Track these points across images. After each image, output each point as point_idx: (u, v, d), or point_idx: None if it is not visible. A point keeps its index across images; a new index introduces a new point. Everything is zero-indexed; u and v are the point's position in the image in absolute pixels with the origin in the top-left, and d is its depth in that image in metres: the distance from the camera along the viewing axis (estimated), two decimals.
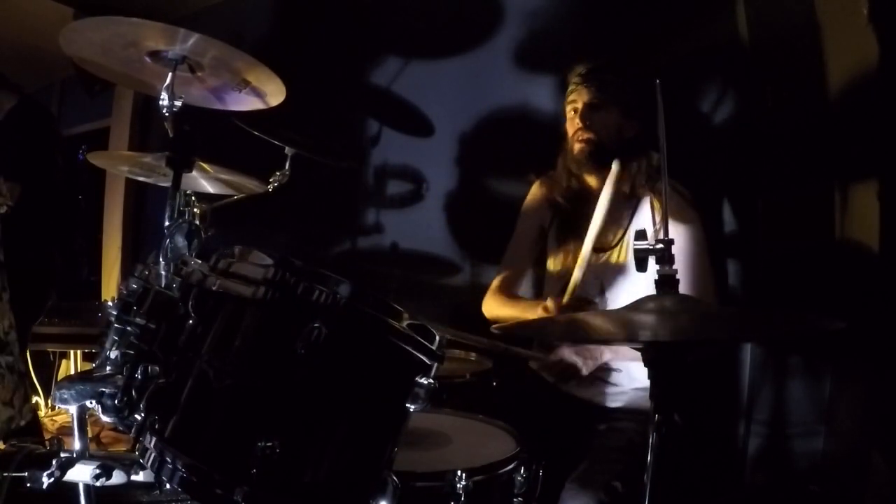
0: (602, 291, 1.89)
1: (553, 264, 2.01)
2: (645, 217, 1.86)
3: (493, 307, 2.05)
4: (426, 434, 1.43)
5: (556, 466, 1.45)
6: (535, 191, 2.11)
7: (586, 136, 1.88)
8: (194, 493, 0.97)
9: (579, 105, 1.90)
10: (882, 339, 1.76)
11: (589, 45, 2.30)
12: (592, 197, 1.95)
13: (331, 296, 0.98)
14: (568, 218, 1.98)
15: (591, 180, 1.93)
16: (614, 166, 1.77)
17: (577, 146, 1.90)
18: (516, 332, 1.66)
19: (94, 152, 2.02)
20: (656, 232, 1.59)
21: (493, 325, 1.27)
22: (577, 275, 1.77)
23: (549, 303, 1.78)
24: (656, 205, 1.81)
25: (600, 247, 1.92)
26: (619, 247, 1.89)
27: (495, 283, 2.10)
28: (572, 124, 1.92)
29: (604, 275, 1.89)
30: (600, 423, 1.78)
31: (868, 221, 1.85)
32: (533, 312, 1.86)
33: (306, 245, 3.16)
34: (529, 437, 1.41)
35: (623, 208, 1.91)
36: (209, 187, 1.97)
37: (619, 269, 1.88)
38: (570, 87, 1.93)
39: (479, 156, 2.70)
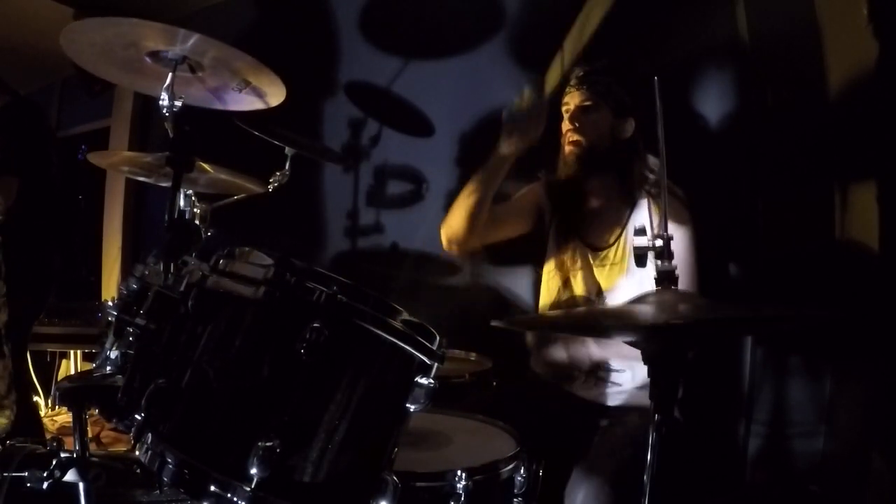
0: (599, 291, 1.89)
1: (551, 266, 2.01)
2: (643, 219, 1.85)
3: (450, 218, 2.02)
4: (426, 434, 1.43)
5: (556, 466, 1.45)
6: (542, 184, 2.10)
7: (575, 138, 1.88)
8: (194, 493, 0.97)
9: (571, 107, 1.90)
10: (882, 340, 1.76)
11: (588, 44, 2.30)
12: (588, 199, 1.95)
13: (331, 296, 0.98)
14: (566, 219, 1.98)
15: (587, 183, 1.94)
16: None
17: (566, 149, 1.90)
18: (518, 328, 1.66)
19: (94, 152, 2.02)
20: (655, 234, 1.59)
21: (493, 322, 1.27)
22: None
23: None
24: (654, 207, 1.81)
25: (597, 247, 1.92)
26: (616, 247, 1.89)
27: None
28: (564, 126, 1.92)
29: (601, 274, 1.89)
30: (601, 419, 1.79)
31: (868, 221, 1.85)
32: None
33: (306, 245, 3.16)
34: (529, 437, 1.41)
35: (620, 209, 1.91)
36: (209, 187, 1.97)
37: (616, 269, 1.88)
38: (566, 90, 1.94)
39: (479, 156, 2.69)
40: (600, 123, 1.88)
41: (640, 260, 1.18)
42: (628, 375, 1.86)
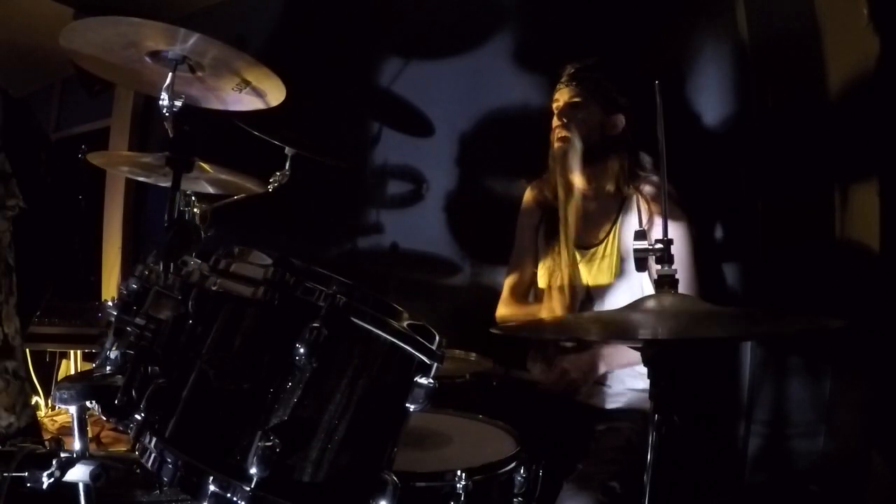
0: (587, 289, 1.89)
1: (543, 264, 2.01)
2: (632, 216, 1.86)
3: (507, 314, 2.05)
4: (426, 434, 1.43)
5: (555, 466, 1.45)
6: (527, 195, 2.12)
7: (563, 134, 1.89)
8: (194, 493, 0.97)
9: (560, 103, 1.91)
10: (882, 339, 1.76)
11: (588, 45, 2.30)
12: (576, 195, 1.95)
13: (330, 296, 0.98)
14: (555, 216, 1.98)
15: (576, 179, 1.94)
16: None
17: (555, 145, 1.91)
18: (516, 333, 1.66)
19: (94, 152, 2.02)
20: (646, 229, 1.59)
21: (493, 327, 1.27)
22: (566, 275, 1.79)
23: (556, 304, 1.78)
24: (643, 204, 1.82)
25: (586, 244, 1.92)
26: (604, 244, 1.89)
27: (505, 291, 2.10)
28: (553, 123, 1.93)
29: (589, 272, 1.89)
30: (598, 424, 1.79)
31: (868, 221, 1.85)
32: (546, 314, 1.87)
33: (306, 245, 3.16)
34: (529, 437, 1.41)
35: (609, 206, 1.91)
36: (209, 187, 1.97)
37: (605, 267, 1.88)
38: (556, 86, 1.94)
39: (479, 156, 2.70)
40: (589, 120, 1.88)
41: (641, 264, 1.18)
42: (616, 379, 1.86)
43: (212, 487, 0.94)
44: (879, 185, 1.84)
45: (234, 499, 0.94)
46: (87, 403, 1.18)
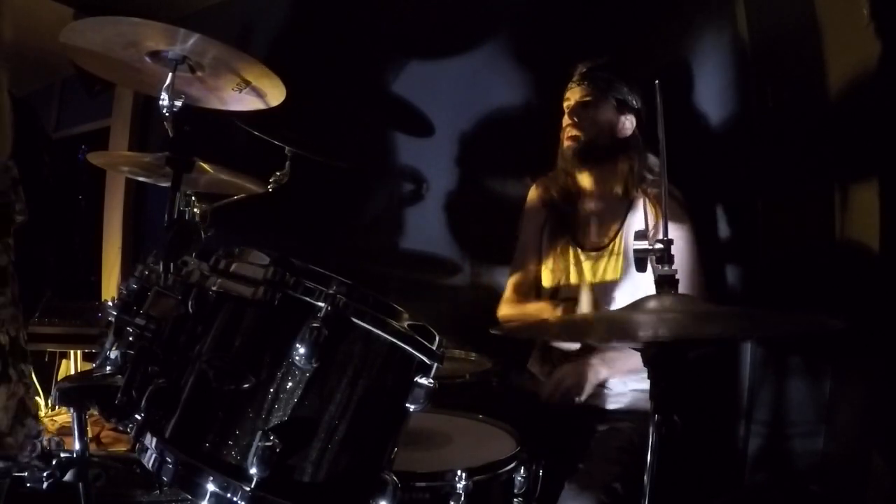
0: (592, 291, 1.88)
1: (547, 264, 2.01)
2: (639, 218, 1.85)
3: (509, 313, 2.05)
4: (426, 434, 1.43)
5: (556, 466, 1.45)
6: (532, 193, 2.11)
7: (574, 133, 1.89)
8: (194, 493, 0.97)
9: (571, 102, 1.91)
10: (882, 339, 1.76)
11: (589, 45, 2.30)
12: (584, 196, 1.95)
13: (330, 296, 0.98)
14: (561, 217, 1.98)
15: (584, 179, 1.93)
16: None
17: (565, 143, 1.91)
18: (517, 333, 1.66)
19: (94, 152, 2.03)
20: (652, 234, 1.58)
21: (493, 327, 1.27)
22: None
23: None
24: (650, 207, 1.82)
25: (592, 246, 1.91)
26: (611, 247, 1.89)
27: (508, 290, 2.10)
28: (564, 121, 1.93)
29: (595, 273, 1.89)
30: (599, 424, 1.78)
31: (868, 221, 1.85)
32: (548, 314, 1.86)
33: (306, 245, 3.16)
34: (529, 437, 1.41)
35: (616, 208, 1.91)
36: (209, 187, 1.97)
37: (611, 270, 1.88)
38: (568, 85, 1.94)
39: (479, 156, 2.70)
40: (600, 119, 1.88)
41: (641, 264, 1.17)
42: (618, 380, 1.86)
43: (212, 487, 0.95)
44: (879, 185, 1.84)
45: (234, 499, 0.94)
46: (87, 403, 1.18)
